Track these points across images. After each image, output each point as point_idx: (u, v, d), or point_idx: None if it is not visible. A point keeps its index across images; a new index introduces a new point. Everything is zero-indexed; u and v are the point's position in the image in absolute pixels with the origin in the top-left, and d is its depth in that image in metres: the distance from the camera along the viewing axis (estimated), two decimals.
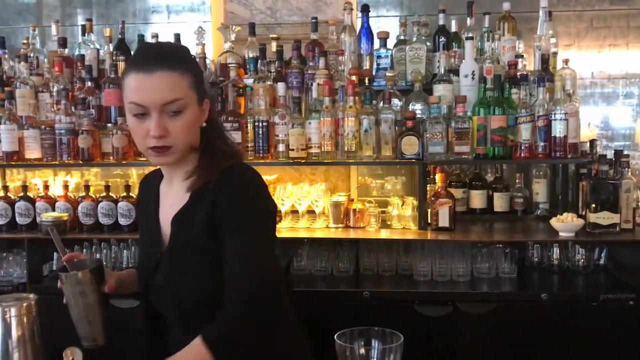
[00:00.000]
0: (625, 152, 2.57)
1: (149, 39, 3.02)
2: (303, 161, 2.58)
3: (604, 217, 2.38)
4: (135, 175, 3.13)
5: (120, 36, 2.97)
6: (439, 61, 2.68)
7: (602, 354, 2.24)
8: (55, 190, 2.80)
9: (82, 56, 2.86)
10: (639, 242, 2.36)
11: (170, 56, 1.35)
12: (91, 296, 1.37)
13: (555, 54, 2.76)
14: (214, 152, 1.43)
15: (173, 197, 1.45)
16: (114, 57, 2.85)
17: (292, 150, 2.52)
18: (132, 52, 2.95)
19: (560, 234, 2.39)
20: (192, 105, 1.35)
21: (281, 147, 2.55)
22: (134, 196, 2.65)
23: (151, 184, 1.55)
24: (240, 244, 1.29)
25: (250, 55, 2.75)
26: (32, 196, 2.71)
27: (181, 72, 1.33)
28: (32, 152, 2.65)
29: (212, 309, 1.29)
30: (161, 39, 2.99)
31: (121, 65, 2.81)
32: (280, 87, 2.56)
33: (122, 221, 2.60)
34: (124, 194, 2.64)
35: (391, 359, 0.85)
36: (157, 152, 1.34)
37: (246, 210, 1.31)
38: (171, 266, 1.39)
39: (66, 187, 2.75)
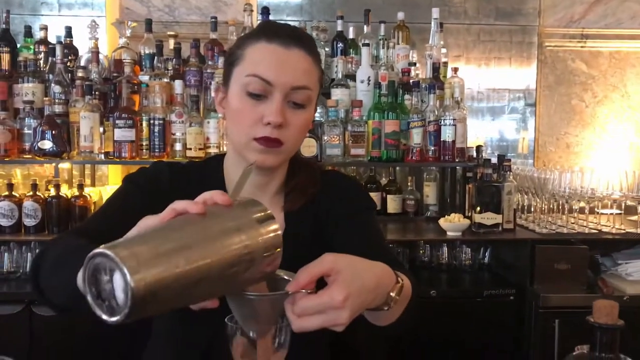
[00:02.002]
0: (508, 158, 2.76)
1: (37, 31, 2.86)
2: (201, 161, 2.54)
3: (488, 218, 2.52)
4: (19, 174, 2.94)
5: (4, 26, 2.79)
6: (337, 66, 2.74)
7: (486, 345, 2.39)
8: None
9: None
10: (519, 241, 2.52)
11: (307, 38, 1.16)
12: None
13: (445, 63, 2.91)
14: (301, 162, 1.29)
15: None
16: None
17: (190, 149, 2.48)
18: (17, 45, 2.79)
19: (448, 233, 2.51)
20: (313, 103, 1.15)
21: (178, 146, 2.50)
22: (18, 195, 2.50)
23: (171, 191, 1.12)
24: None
25: (147, 52, 2.68)
26: None
27: (315, 61, 1.14)
28: None
29: None
30: (51, 32, 2.84)
31: (6, 57, 2.64)
32: (178, 84, 2.51)
33: (3, 222, 2.43)
34: (6, 193, 2.47)
35: (282, 339, 0.86)
36: (266, 145, 1.09)
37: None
38: None
39: None
